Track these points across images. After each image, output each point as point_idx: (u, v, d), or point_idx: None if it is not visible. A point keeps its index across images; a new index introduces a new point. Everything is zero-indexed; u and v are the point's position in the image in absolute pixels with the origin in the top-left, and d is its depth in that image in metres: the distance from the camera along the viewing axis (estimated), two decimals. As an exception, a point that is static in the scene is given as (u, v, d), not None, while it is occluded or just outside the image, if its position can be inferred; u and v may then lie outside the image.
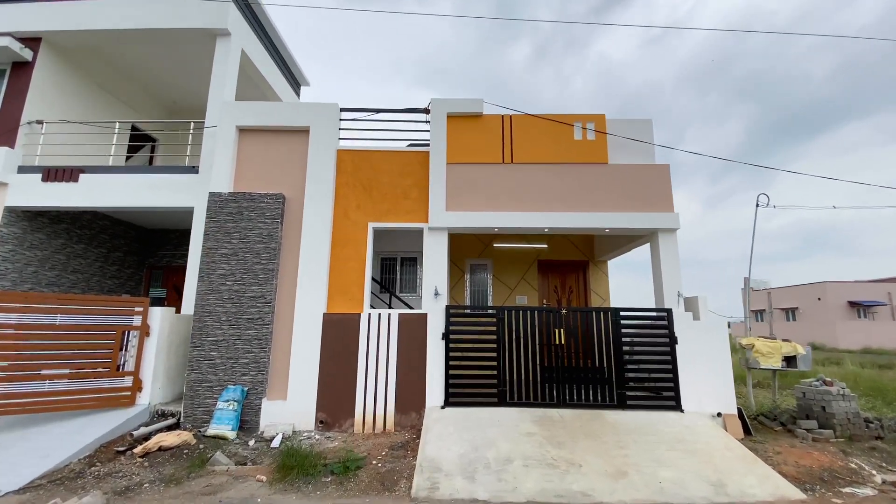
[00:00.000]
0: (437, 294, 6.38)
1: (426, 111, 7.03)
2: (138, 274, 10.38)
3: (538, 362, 6.14)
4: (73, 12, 7.71)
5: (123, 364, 5.96)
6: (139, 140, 9.97)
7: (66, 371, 5.53)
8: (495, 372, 6.08)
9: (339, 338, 6.22)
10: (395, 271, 9.40)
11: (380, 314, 6.29)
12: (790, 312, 29.86)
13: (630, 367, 6.22)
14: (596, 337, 6.20)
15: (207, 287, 6.35)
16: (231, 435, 5.66)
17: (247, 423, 5.99)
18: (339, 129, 7.02)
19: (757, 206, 8.04)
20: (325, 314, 6.29)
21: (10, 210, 7.32)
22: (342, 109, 7.09)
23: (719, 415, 6.00)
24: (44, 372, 5.39)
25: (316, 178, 6.68)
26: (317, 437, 5.86)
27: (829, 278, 27.68)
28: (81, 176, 7.33)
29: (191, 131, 7.77)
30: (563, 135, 6.94)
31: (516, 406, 5.96)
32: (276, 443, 5.60)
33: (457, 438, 5.10)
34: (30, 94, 7.66)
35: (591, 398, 6.05)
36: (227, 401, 5.87)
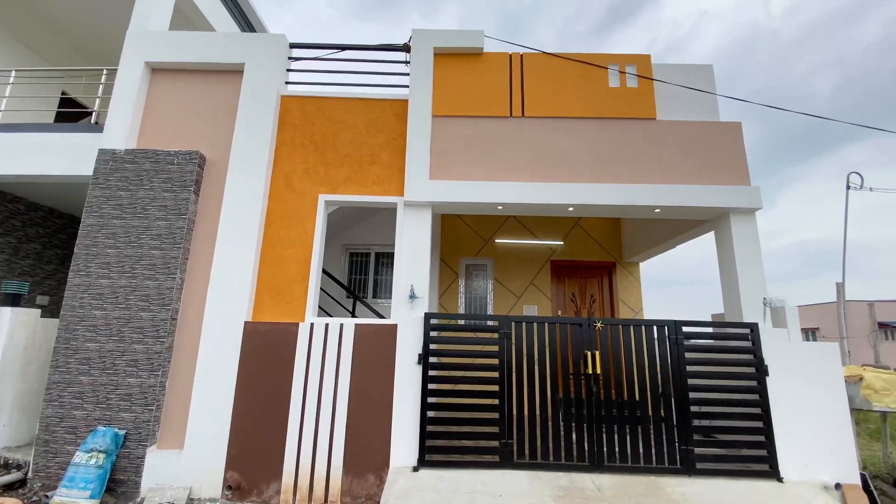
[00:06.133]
0: (412, 297, 4.37)
1: (406, 48, 5.16)
2: (62, 271, 8.46)
3: (561, 400, 4.11)
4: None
5: (-59, 392, 4.00)
6: (70, 107, 8.17)
7: None
8: (497, 415, 4.04)
9: (267, 359, 4.22)
10: (367, 271, 7.34)
11: (327, 325, 4.28)
12: (810, 333, 27.93)
13: (697, 409, 4.20)
14: (647, 364, 4.17)
15: (83, 280, 4.41)
16: (86, 508, 3.65)
17: (121, 483, 3.97)
18: (288, 70, 5.16)
19: (848, 187, 6.07)
20: (247, 323, 4.30)
21: None
22: (293, 45, 5.25)
23: (837, 486, 3.95)
24: None
25: (247, 132, 4.76)
26: (223, 510, 3.84)
27: (828, 299, 25.79)
28: (-45, 136, 5.48)
29: (102, 82, 5.92)
30: (594, 80, 5.03)
31: (529, 468, 3.91)
32: (156, 521, 3.60)
33: (430, 534, 3.08)
34: None
35: (643, 457, 3.99)
36: (90, 451, 3.86)
